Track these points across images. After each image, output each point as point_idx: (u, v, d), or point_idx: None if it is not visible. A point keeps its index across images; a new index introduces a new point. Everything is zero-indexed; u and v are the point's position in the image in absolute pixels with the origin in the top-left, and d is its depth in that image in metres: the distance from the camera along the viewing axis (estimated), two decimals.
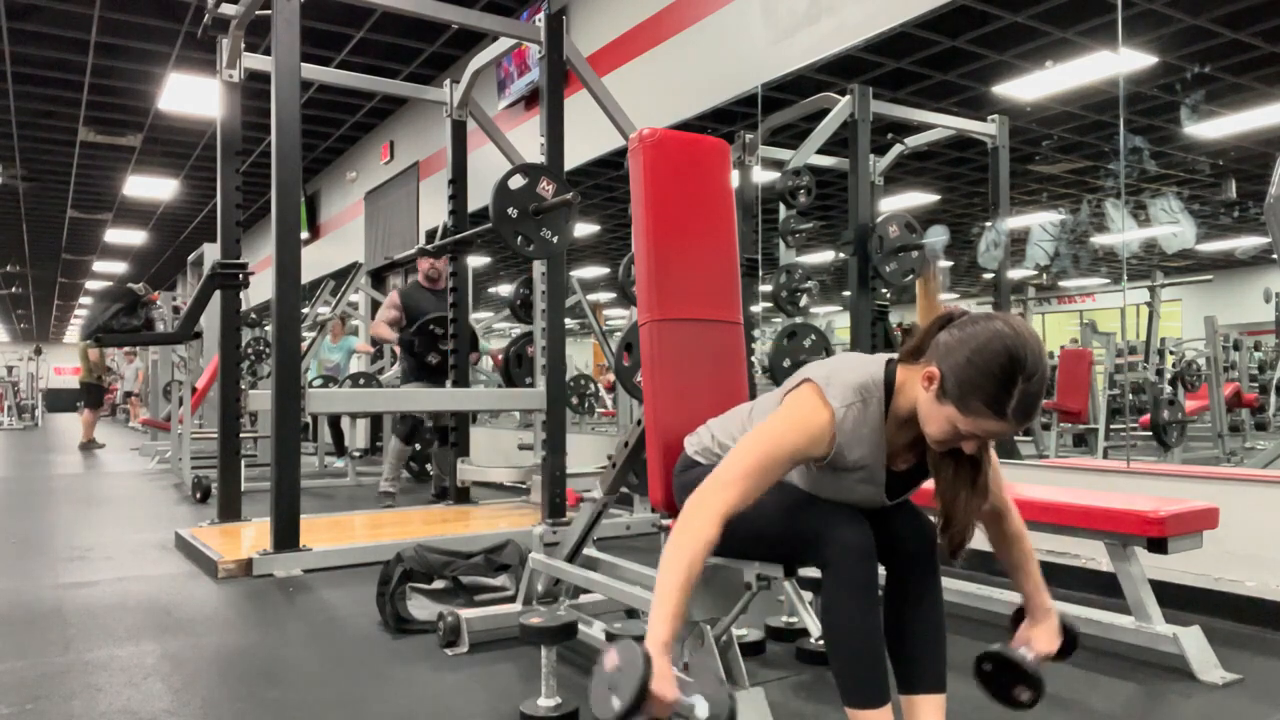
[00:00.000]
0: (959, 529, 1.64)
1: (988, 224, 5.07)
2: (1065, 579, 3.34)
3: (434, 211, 6.74)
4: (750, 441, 1.65)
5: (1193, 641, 2.40)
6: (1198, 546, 2.45)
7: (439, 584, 2.93)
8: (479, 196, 4.98)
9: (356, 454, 7.43)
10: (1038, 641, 1.80)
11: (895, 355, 1.70)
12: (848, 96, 4.76)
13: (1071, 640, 1.82)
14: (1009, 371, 1.47)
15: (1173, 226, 5.23)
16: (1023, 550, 1.83)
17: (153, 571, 3.83)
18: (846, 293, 5.04)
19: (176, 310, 7.86)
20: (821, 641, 1.71)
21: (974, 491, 1.63)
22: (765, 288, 5.22)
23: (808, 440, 1.63)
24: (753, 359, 4.68)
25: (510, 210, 3.89)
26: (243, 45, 4.72)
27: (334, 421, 8.35)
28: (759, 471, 1.61)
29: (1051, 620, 1.81)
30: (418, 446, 7.01)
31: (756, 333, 5.24)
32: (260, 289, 5.31)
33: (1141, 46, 4.81)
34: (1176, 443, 5.85)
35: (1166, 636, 2.42)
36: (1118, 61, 3.85)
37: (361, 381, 8.12)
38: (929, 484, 1.70)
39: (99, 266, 19.29)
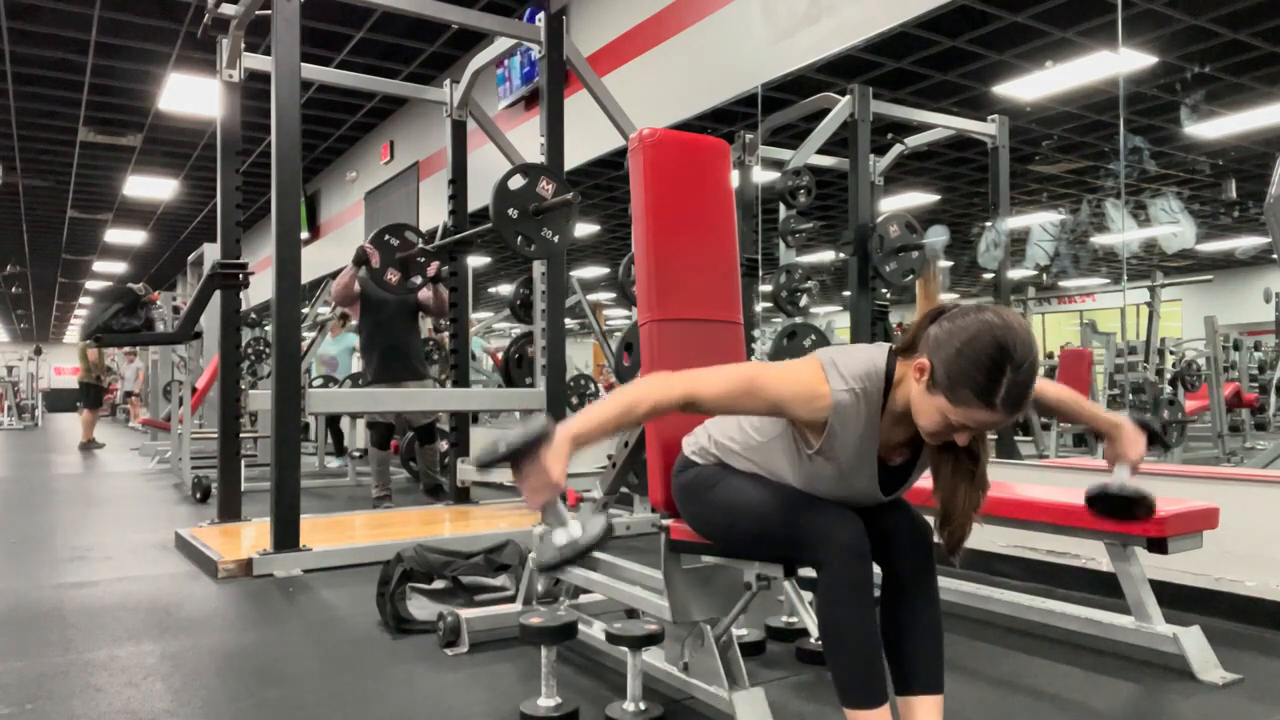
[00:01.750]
0: (958, 524, 1.64)
1: (988, 224, 5.07)
2: (1065, 579, 3.34)
3: (434, 211, 6.74)
4: (747, 365, 1.69)
5: (1193, 641, 2.39)
6: (1198, 546, 2.45)
7: (439, 584, 2.93)
8: (479, 196, 4.98)
9: (356, 454, 7.43)
10: (1128, 451, 1.95)
11: (895, 348, 1.70)
12: (848, 96, 4.76)
13: (1153, 433, 1.98)
14: (997, 361, 1.48)
15: (1173, 226, 5.23)
16: (1069, 399, 1.97)
17: (153, 571, 3.83)
18: (846, 293, 5.04)
19: (176, 310, 7.85)
20: (820, 641, 1.71)
21: (973, 485, 1.64)
22: (765, 288, 5.23)
23: (795, 394, 1.63)
24: (752, 359, 4.68)
25: (510, 210, 3.89)
26: (243, 45, 4.72)
27: (333, 421, 8.33)
28: (740, 387, 1.63)
29: (1127, 429, 1.96)
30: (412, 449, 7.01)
31: (756, 333, 5.24)
32: (260, 289, 5.31)
33: (1141, 46, 4.82)
34: (1176, 443, 5.86)
35: (1166, 636, 2.41)
36: (1118, 61, 3.85)
37: (361, 381, 8.13)
38: (927, 484, 1.70)
39: (99, 266, 19.29)
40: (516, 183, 3.94)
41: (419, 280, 5.25)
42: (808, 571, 1.74)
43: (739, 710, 1.91)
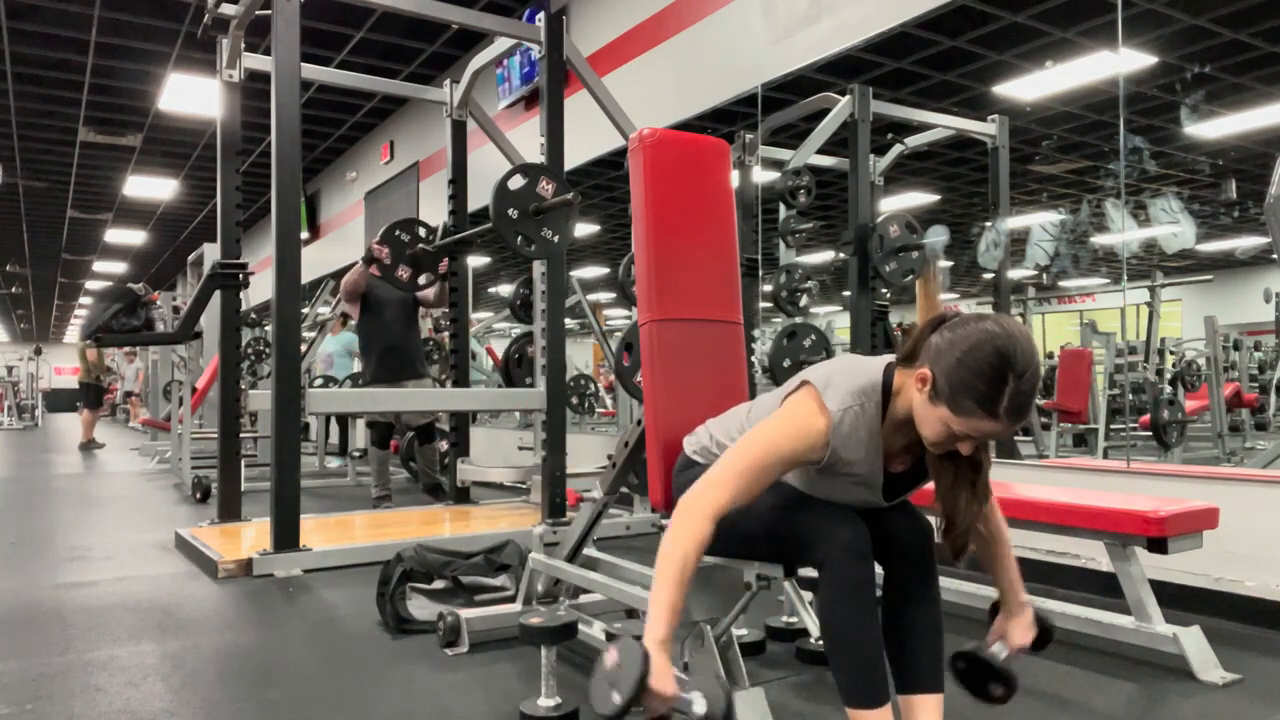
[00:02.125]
0: (961, 532, 1.64)
1: (988, 224, 5.07)
2: (1065, 579, 3.34)
3: (434, 211, 6.76)
4: (746, 442, 1.66)
5: (1193, 641, 2.40)
6: (1198, 546, 2.46)
7: (439, 584, 2.93)
8: (479, 196, 4.98)
9: (356, 454, 7.43)
10: (1013, 635, 1.82)
11: (894, 357, 1.70)
12: (848, 96, 4.76)
13: (1046, 633, 1.86)
14: (1000, 371, 1.48)
15: (1173, 226, 5.22)
16: (1001, 545, 1.84)
17: (153, 571, 3.83)
18: (846, 293, 5.04)
19: (176, 310, 7.85)
20: (821, 641, 1.71)
21: (974, 494, 1.64)
22: (765, 287, 5.22)
23: (803, 446, 1.64)
24: (753, 359, 4.68)
25: (510, 210, 3.89)
26: (243, 45, 4.72)
27: (340, 420, 8.34)
28: (752, 473, 1.62)
29: (1026, 614, 1.84)
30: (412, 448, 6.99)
31: (756, 333, 5.24)
32: (260, 289, 5.31)
33: (1141, 46, 4.81)
34: (1176, 443, 5.85)
35: (1166, 636, 2.42)
36: (1118, 61, 3.85)
37: (361, 381, 8.13)
38: (928, 485, 1.70)
39: (99, 266, 19.29)
40: (516, 183, 3.94)
41: (430, 277, 5.29)
42: (808, 571, 1.74)
43: (739, 710, 1.91)
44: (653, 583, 1.58)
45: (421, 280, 5.24)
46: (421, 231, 5.22)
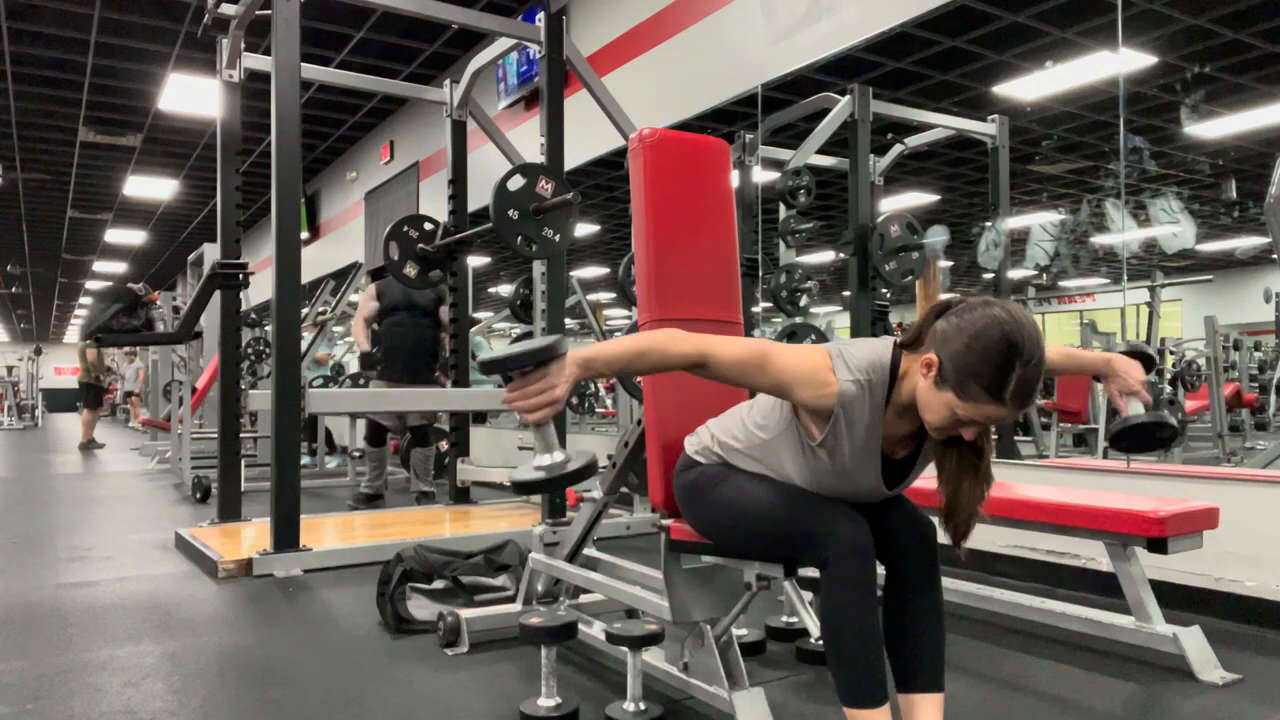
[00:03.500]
0: (963, 517, 1.64)
1: (988, 224, 5.07)
2: (1065, 579, 3.34)
3: (434, 211, 6.76)
4: (757, 339, 1.69)
5: (1193, 641, 2.40)
6: (1198, 546, 2.45)
7: (439, 584, 2.93)
8: (479, 196, 4.98)
9: (356, 454, 7.43)
10: (1130, 383, 1.99)
11: (899, 341, 1.70)
12: (848, 96, 4.76)
13: (1146, 358, 2.03)
14: (1007, 356, 1.48)
15: (1173, 226, 5.23)
16: (1061, 355, 2.02)
17: (153, 571, 3.83)
18: (846, 293, 5.04)
19: (176, 310, 7.85)
20: (821, 641, 1.71)
21: (977, 480, 1.64)
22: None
23: (803, 376, 1.64)
24: None
25: (510, 210, 3.89)
26: (243, 45, 4.72)
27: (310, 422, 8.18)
28: (753, 358, 1.64)
29: (1116, 362, 2.01)
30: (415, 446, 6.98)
31: (756, 333, 5.24)
32: (260, 289, 5.31)
33: (1141, 46, 4.81)
34: (1176, 443, 5.85)
35: (1166, 636, 2.42)
36: (1118, 61, 3.85)
37: (362, 381, 8.13)
38: (931, 485, 1.70)
39: (99, 266, 19.29)
40: (516, 183, 3.94)
41: (438, 274, 5.32)
42: (808, 571, 1.74)
43: (739, 710, 1.91)
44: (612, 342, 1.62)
45: (432, 277, 5.31)
46: (428, 227, 5.25)
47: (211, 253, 5.57)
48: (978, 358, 1.49)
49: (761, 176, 5.15)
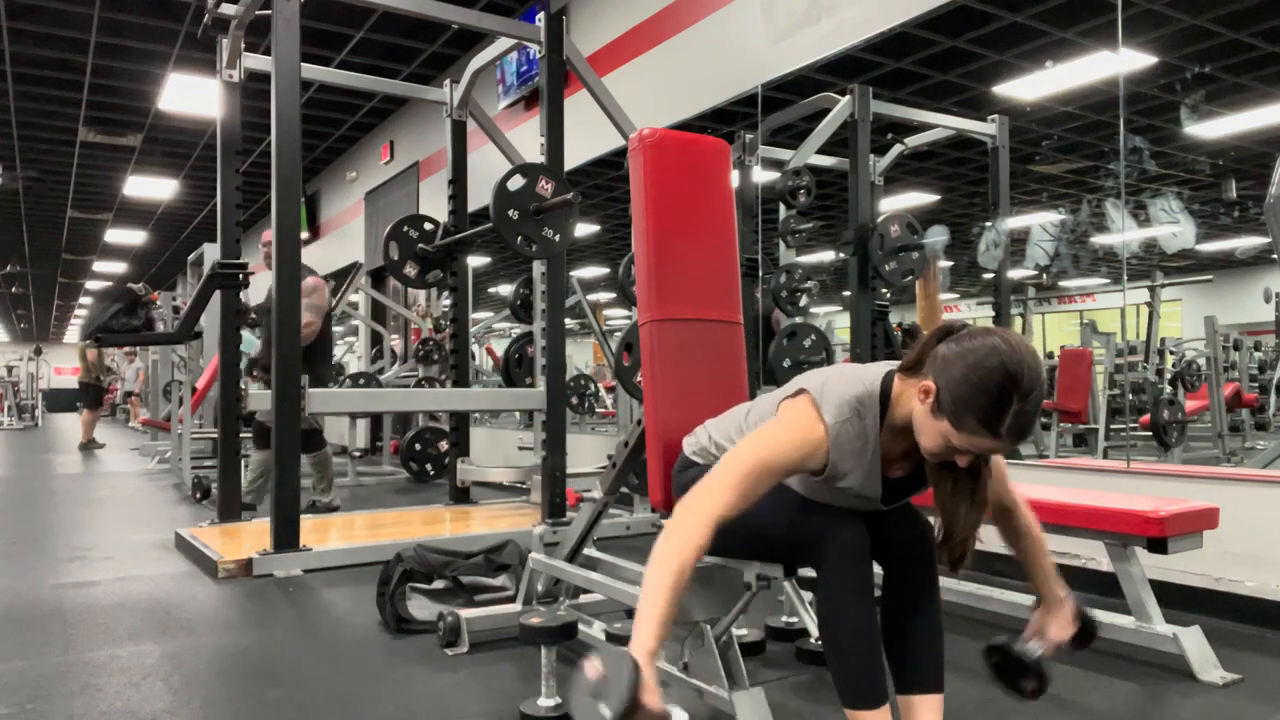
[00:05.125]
0: (959, 542, 1.63)
1: (988, 224, 5.07)
2: (1065, 579, 3.32)
3: (434, 211, 6.77)
4: (745, 449, 1.63)
5: (1193, 641, 2.40)
6: (1198, 546, 2.46)
7: (439, 584, 2.93)
8: (479, 196, 4.98)
9: (356, 454, 7.44)
10: (1051, 630, 1.81)
11: (894, 366, 1.69)
12: (848, 96, 4.75)
13: (1088, 628, 1.83)
14: (1005, 390, 1.46)
15: (1173, 226, 5.23)
16: (1033, 542, 1.83)
17: (153, 571, 3.83)
18: (846, 293, 5.03)
19: (176, 310, 7.85)
20: (820, 641, 1.71)
21: (973, 505, 1.62)
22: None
23: (802, 455, 1.62)
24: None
25: (510, 211, 3.89)
26: (243, 45, 4.72)
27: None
28: (751, 479, 1.59)
29: (1065, 609, 1.83)
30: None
31: None
32: (260, 289, 5.31)
33: (1141, 46, 4.81)
34: (1176, 443, 5.85)
35: (1166, 636, 2.42)
36: (1118, 61, 3.85)
37: (361, 381, 8.13)
38: (929, 489, 1.70)
39: (99, 266, 19.29)
40: (516, 183, 3.94)
41: (439, 274, 5.31)
42: (808, 571, 1.74)
43: (739, 710, 1.91)
44: (644, 588, 1.51)
45: (431, 278, 5.30)
46: (428, 227, 5.25)
47: (211, 253, 5.57)
48: (975, 389, 1.47)
49: (761, 176, 5.15)
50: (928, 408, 1.54)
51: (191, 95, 8.66)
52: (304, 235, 7.79)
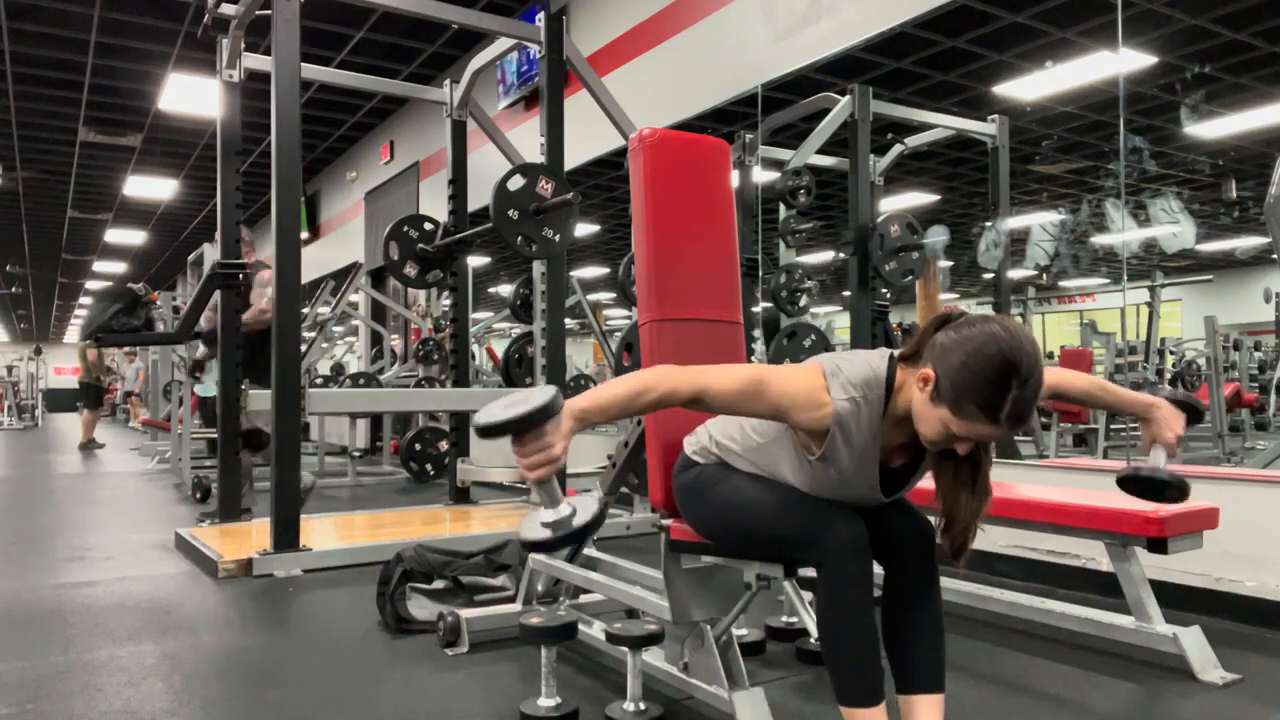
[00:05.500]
0: (960, 530, 1.63)
1: (988, 224, 5.07)
2: (1065, 579, 3.34)
3: (434, 211, 6.78)
4: (751, 366, 1.67)
5: (1193, 641, 2.40)
6: (1198, 546, 2.45)
7: (439, 584, 2.93)
8: (479, 196, 4.98)
9: (357, 454, 7.44)
10: (1163, 433, 1.90)
11: (898, 351, 1.69)
12: (848, 96, 4.76)
13: (1192, 411, 1.92)
14: (1003, 376, 1.47)
15: (1173, 226, 5.23)
16: (1097, 389, 1.95)
17: (153, 571, 3.83)
18: (846, 293, 5.04)
19: (176, 310, 7.84)
20: (820, 640, 1.71)
21: (974, 493, 1.63)
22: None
23: (800, 401, 1.62)
24: (753, 359, 4.68)
25: (510, 211, 3.90)
26: (243, 45, 4.72)
27: (209, 420, 7.73)
28: (746, 386, 1.61)
29: (1161, 409, 1.91)
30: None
31: (756, 333, 5.24)
32: None
33: (1141, 46, 4.81)
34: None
35: (1166, 636, 2.42)
36: (1118, 61, 3.85)
37: (361, 381, 8.13)
38: (930, 485, 1.70)
39: (99, 266, 19.28)
40: (516, 183, 3.94)
41: (438, 274, 5.31)
42: (808, 571, 1.74)
43: (739, 710, 1.91)
44: (603, 386, 1.58)
45: (430, 278, 5.30)
46: (428, 227, 5.25)
47: (211, 253, 5.58)
48: (974, 376, 1.48)
49: (761, 176, 5.15)
50: (927, 395, 1.55)
51: (191, 95, 8.66)
52: (304, 235, 7.79)
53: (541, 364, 4.74)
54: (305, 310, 8.45)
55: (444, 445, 6.51)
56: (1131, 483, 1.87)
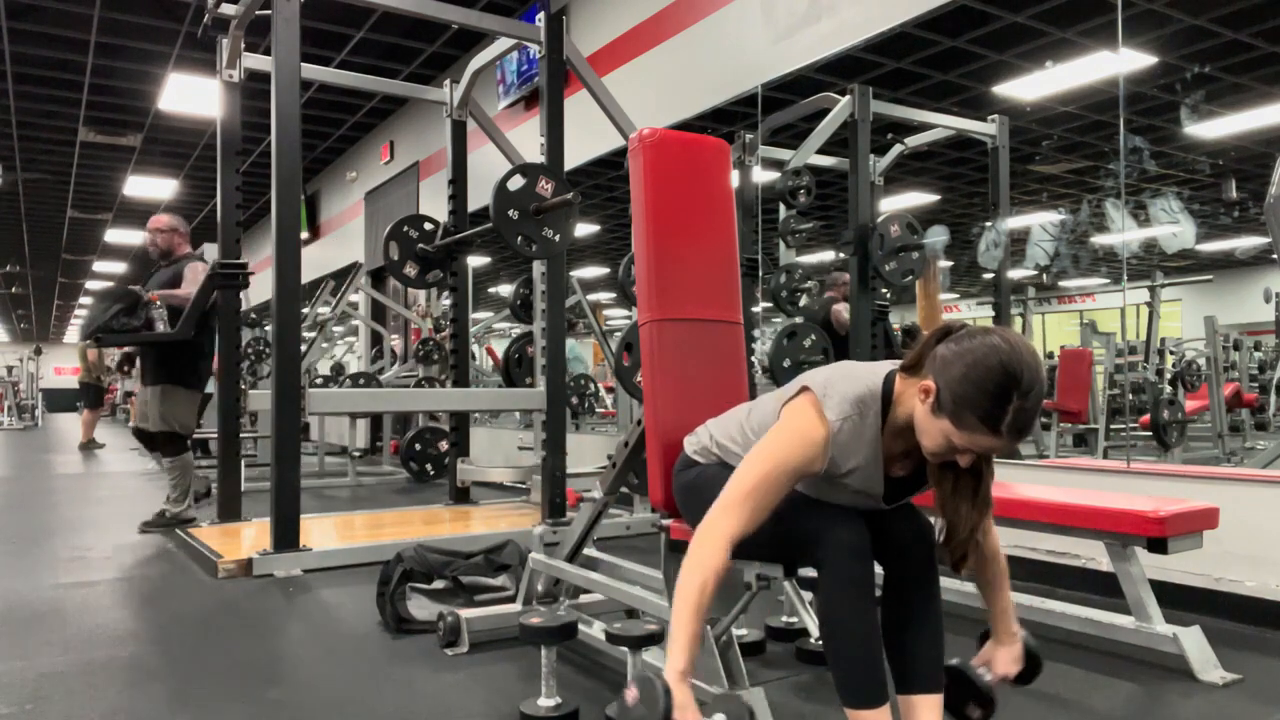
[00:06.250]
0: (961, 542, 1.63)
1: (988, 224, 5.07)
2: (1065, 579, 3.34)
3: (434, 211, 6.78)
4: (751, 462, 1.65)
5: (1193, 641, 2.40)
6: (1198, 546, 2.45)
7: (439, 584, 2.93)
8: (479, 196, 4.98)
9: (356, 454, 7.44)
10: (998, 663, 1.82)
11: (896, 365, 1.69)
12: (848, 96, 4.76)
13: (1033, 666, 1.84)
14: (1004, 388, 1.47)
15: (1173, 226, 5.23)
16: (997, 569, 1.82)
17: (153, 571, 3.83)
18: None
19: None
20: (821, 641, 1.71)
21: (974, 505, 1.63)
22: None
23: (807, 458, 1.63)
24: (753, 359, 4.68)
25: (510, 211, 3.89)
26: (243, 45, 4.72)
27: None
28: (761, 492, 1.61)
29: (1015, 645, 1.83)
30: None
31: (756, 333, 5.24)
32: (260, 289, 5.31)
33: (1141, 46, 4.81)
34: (1176, 443, 5.85)
35: (1166, 636, 2.42)
36: (1118, 61, 3.85)
37: (361, 381, 8.13)
38: (930, 489, 1.70)
39: (99, 266, 19.28)
40: (516, 183, 3.94)
41: (439, 274, 5.31)
42: (808, 571, 1.74)
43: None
44: (672, 611, 1.58)
45: (430, 278, 5.29)
46: (428, 227, 5.25)
47: (211, 253, 5.58)
48: (975, 388, 1.48)
49: (761, 176, 5.15)
50: (928, 407, 1.55)
51: (191, 95, 8.66)
52: (304, 235, 7.79)
53: (541, 364, 4.74)
54: (305, 310, 8.45)
55: (444, 445, 6.51)
56: (952, 673, 1.80)
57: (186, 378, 4.79)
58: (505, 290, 12.74)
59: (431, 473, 6.89)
